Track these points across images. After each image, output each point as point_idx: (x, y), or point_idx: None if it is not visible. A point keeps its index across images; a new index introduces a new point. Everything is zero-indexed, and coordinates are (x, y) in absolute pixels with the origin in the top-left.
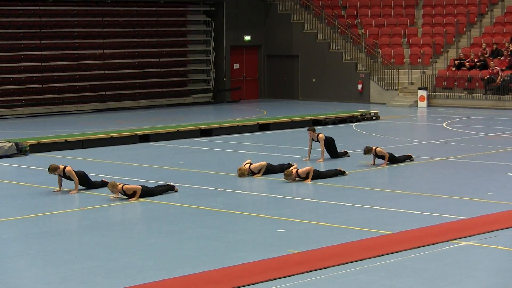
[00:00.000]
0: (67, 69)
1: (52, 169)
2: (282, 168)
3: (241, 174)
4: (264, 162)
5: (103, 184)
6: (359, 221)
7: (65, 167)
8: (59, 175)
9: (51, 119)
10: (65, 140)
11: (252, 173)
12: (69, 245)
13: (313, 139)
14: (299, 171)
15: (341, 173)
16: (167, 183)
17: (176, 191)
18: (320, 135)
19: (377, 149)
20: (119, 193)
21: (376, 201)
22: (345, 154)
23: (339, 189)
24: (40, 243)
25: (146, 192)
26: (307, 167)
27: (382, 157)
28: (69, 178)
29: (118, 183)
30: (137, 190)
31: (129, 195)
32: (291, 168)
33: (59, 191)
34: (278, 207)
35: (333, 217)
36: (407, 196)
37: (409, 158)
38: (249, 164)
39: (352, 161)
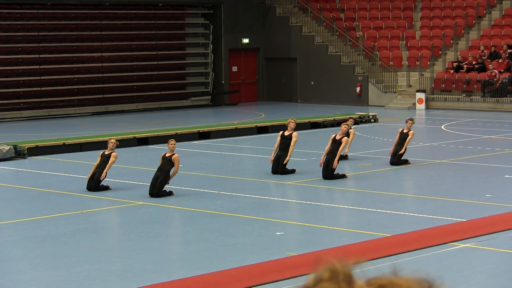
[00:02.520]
0: (65, 72)
1: None
2: None
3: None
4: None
5: (106, 188)
6: (357, 223)
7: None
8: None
9: (49, 122)
10: (64, 143)
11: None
12: (68, 248)
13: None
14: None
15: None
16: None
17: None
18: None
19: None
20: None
21: (375, 203)
22: (345, 157)
23: (337, 191)
24: (39, 247)
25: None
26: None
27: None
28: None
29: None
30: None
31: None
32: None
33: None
34: (277, 210)
35: (332, 219)
36: (406, 198)
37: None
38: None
39: (351, 163)
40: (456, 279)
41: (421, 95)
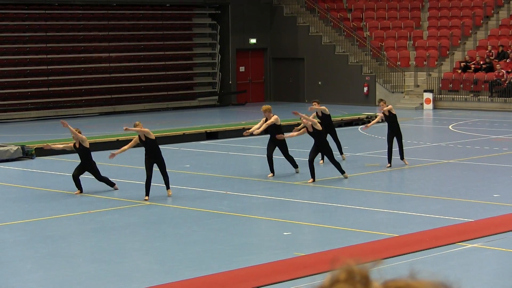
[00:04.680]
0: (73, 73)
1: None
2: None
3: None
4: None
5: (111, 184)
6: (365, 223)
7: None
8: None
9: (57, 123)
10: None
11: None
12: (75, 248)
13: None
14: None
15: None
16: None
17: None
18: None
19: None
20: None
21: (382, 203)
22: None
23: (345, 191)
24: (46, 247)
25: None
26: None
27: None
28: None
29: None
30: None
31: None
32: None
33: None
34: (284, 210)
35: (339, 219)
36: (413, 198)
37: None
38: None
39: (358, 163)
40: (464, 279)
41: (428, 95)
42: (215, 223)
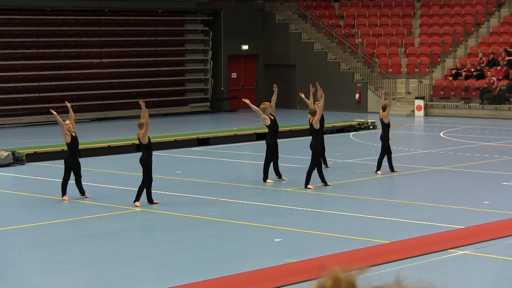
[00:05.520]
0: (64, 78)
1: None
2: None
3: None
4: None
5: (82, 193)
6: (356, 230)
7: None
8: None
9: (48, 128)
10: (62, 150)
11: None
12: (67, 254)
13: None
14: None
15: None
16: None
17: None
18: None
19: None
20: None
21: (373, 210)
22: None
23: (336, 198)
24: (37, 253)
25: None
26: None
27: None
28: None
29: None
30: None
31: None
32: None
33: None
34: (276, 216)
35: (330, 226)
36: (405, 205)
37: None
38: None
39: (349, 170)
40: (455, 286)
41: (420, 102)
42: (207, 229)
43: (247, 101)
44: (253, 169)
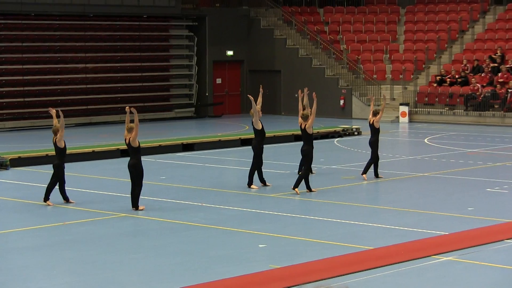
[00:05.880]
0: (49, 83)
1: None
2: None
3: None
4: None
5: (66, 199)
6: (340, 236)
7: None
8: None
9: (32, 133)
10: (47, 155)
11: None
12: (50, 260)
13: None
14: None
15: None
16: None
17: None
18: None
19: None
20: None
21: (357, 216)
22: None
23: (320, 204)
24: (21, 258)
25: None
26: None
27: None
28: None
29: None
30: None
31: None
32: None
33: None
34: (260, 222)
35: (314, 232)
36: (389, 211)
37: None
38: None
39: (334, 176)
40: None
41: (404, 108)
42: (191, 235)
43: (251, 98)
44: (238, 175)
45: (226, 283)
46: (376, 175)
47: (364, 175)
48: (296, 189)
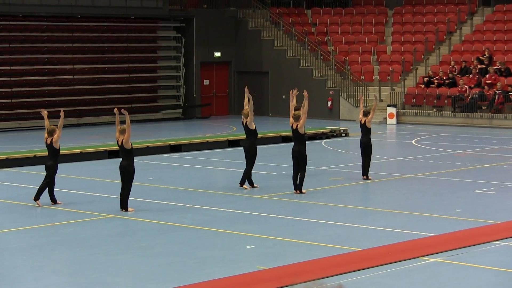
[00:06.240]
0: (36, 84)
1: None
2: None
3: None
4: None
5: (54, 201)
6: (328, 237)
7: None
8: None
9: (20, 134)
10: (34, 155)
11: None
12: (37, 261)
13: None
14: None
15: (300, 190)
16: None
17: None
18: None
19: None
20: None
21: (345, 217)
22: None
23: (308, 205)
24: (8, 259)
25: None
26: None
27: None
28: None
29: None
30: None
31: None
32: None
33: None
34: (247, 223)
35: (302, 233)
36: (376, 212)
37: None
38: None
39: (322, 177)
40: None
41: (392, 110)
42: (178, 236)
43: (247, 92)
44: (226, 176)
45: (213, 284)
46: (365, 174)
47: (364, 176)
48: (297, 191)
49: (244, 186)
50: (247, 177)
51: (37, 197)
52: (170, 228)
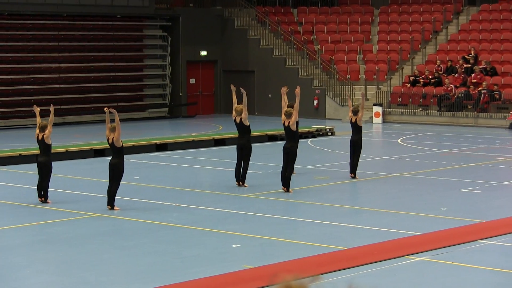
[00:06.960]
0: (22, 83)
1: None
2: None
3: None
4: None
5: (43, 201)
6: (314, 236)
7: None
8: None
9: (5, 133)
10: (20, 154)
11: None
12: (22, 260)
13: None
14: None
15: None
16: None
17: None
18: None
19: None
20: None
21: (331, 216)
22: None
23: (295, 204)
24: None
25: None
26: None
27: None
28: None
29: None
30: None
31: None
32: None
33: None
34: (234, 223)
35: (288, 232)
36: (362, 211)
37: None
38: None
39: (308, 176)
40: None
41: (378, 109)
42: (165, 235)
43: (234, 90)
44: (212, 175)
45: (199, 283)
46: (353, 172)
47: (351, 174)
48: (284, 188)
49: (245, 184)
50: (244, 174)
51: (44, 198)
52: (156, 227)
